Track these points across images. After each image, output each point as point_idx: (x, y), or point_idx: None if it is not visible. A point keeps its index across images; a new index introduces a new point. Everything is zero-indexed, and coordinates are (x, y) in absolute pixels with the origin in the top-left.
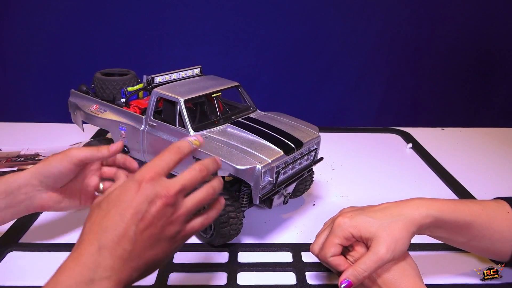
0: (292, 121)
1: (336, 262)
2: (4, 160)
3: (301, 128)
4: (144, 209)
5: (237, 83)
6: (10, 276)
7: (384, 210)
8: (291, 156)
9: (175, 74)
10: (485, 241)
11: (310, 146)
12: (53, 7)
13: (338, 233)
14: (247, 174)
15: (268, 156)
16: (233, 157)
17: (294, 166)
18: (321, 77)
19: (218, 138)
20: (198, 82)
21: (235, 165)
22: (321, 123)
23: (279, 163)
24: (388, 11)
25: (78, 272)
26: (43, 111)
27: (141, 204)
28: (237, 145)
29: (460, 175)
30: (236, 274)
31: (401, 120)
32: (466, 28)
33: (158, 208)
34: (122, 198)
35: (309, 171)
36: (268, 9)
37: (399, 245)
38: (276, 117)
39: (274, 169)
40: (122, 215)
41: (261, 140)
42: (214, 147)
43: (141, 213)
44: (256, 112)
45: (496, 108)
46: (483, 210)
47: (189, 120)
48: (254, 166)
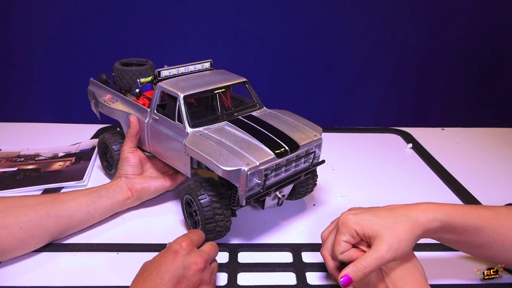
0: (296, 120)
1: (347, 256)
2: (4, 160)
3: (302, 129)
4: (180, 274)
5: (244, 79)
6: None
7: (389, 210)
8: (284, 158)
9: (183, 68)
10: (496, 247)
11: (309, 149)
12: (53, 7)
13: (343, 230)
14: (232, 175)
15: (257, 158)
16: (221, 158)
17: (289, 168)
18: (321, 77)
19: (212, 136)
20: (204, 77)
21: (221, 166)
22: (321, 123)
23: (269, 166)
24: (388, 11)
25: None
26: (43, 111)
27: (178, 269)
28: (229, 144)
29: (460, 175)
30: (236, 274)
31: (401, 120)
32: (466, 28)
33: (193, 273)
34: (162, 264)
35: (307, 174)
36: (268, 9)
37: (402, 245)
38: (280, 116)
39: (262, 172)
40: (162, 277)
41: (255, 141)
42: (205, 146)
43: (177, 277)
44: (261, 110)
45: (496, 108)
46: (493, 215)
47: (186, 116)
48: (239, 168)
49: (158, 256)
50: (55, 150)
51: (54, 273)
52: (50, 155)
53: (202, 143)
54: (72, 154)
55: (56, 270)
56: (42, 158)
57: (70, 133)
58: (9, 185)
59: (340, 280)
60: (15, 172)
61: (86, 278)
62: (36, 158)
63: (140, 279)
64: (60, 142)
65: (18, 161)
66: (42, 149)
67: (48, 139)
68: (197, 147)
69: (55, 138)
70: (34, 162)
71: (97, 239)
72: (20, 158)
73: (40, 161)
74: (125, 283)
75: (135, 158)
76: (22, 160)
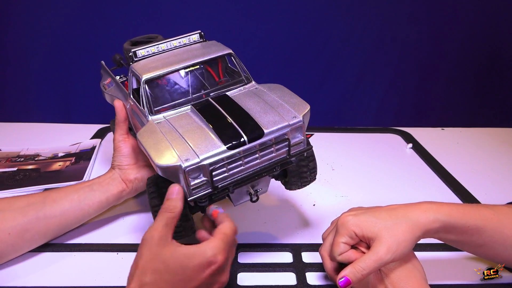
0: (280, 98)
1: (346, 257)
2: (4, 160)
3: (281, 109)
4: (203, 285)
5: (228, 51)
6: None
7: (389, 211)
8: (238, 150)
9: (164, 45)
10: (497, 247)
11: (281, 135)
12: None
13: (342, 231)
14: (169, 172)
15: (201, 151)
16: (158, 152)
17: (251, 160)
18: (321, 77)
19: (168, 124)
20: (184, 53)
21: (156, 161)
22: (321, 123)
23: (217, 159)
24: (388, 11)
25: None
26: (43, 111)
27: (203, 284)
28: (179, 135)
29: (460, 175)
30: (236, 274)
31: (401, 120)
32: (466, 28)
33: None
34: (189, 267)
35: (285, 164)
36: (268, 9)
37: (401, 247)
38: (264, 93)
39: (207, 168)
40: (186, 283)
41: (208, 130)
42: (152, 137)
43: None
44: (246, 86)
45: (496, 108)
46: (494, 215)
47: (147, 102)
48: (176, 164)
49: (188, 253)
50: (55, 150)
51: (54, 273)
52: (50, 155)
53: (151, 134)
54: (72, 154)
55: (56, 270)
56: (42, 158)
57: (70, 133)
58: (9, 185)
59: (338, 281)
60: (15, 172)
61: (86, 278)
62: (36, 158)
63: (162, 266)
64: (60, 142)
65: (18, 161)
66: (42, 149)
67: (48, 139)
68: (143, 138)
69: (55, 138)
70: (34, 162)
71: (97, 239)
72: (20, 158)
73: (40, 161)
74: (125, 284)
75: (127, 146)
76: (22, 160)
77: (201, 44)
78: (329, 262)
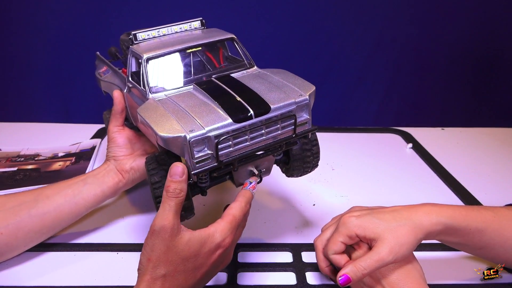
0: (284, 79)
1: (337, 260)
2: (4, 160)
3: (286, 88)
4: (212, 267)
5: (231, 36)
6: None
7: (392, 212)
8: (244, 124)
9: (164, 29)
10: (498, 249)
11: (287, 111)
12: (53, 7)
13: (343, 231)
14: (172, 144)
15: (207, 123)
16: (161, 124)
17: (256, 136)
18: (321, 77)
19: (171, 101)
20: (185, 37)
21: (158, 132)
22: (321, 123)
23: (222, 132)
24: (388, 11)
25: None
26: (43, 111)
27: (212, 265)
28: (183, 109)
29: (460, 175)
30: (236, 274)
31: (401, 120)
32: (466, 28)
33: (219, 268)
34: (201, 250)
35: (290, 144)
36: (267, 9)
37: (403, 249)
38: (268, 75)
39: (212, 140)
40: (195, 270)
41: (214, 104)
42: (154, 112)
43: (208, 271)
44: (249, 70)
45: (496, 108)
46: (494, 217)
47: (147, 80)
48: (180, 135)
49: (200, 240)
50: (55, 150)
51: (54, 273)
52: (50, 155)
53: (153, 109)
54: (72, 154)
55: (56, 270)
56: (42, 158)
57: (70, 133)
58: (9, 185)
59: (338, 279)
60: (15, 172)
61: (86, 278)
62: (36, 158)
63: (175, 251)
64: (60, 142)
65: (18, 161)
66: (42, 149)
67: (48, 139)
68: (144, 113)
69: (55, 138)
70: (34, 162)
71: (97, 239)
72: (20, 158)
73: (40, 161)
74: (125, 283)
75: (122, 137)
76: (22, 160)
77: (202, 31)
78: (321, 253)
